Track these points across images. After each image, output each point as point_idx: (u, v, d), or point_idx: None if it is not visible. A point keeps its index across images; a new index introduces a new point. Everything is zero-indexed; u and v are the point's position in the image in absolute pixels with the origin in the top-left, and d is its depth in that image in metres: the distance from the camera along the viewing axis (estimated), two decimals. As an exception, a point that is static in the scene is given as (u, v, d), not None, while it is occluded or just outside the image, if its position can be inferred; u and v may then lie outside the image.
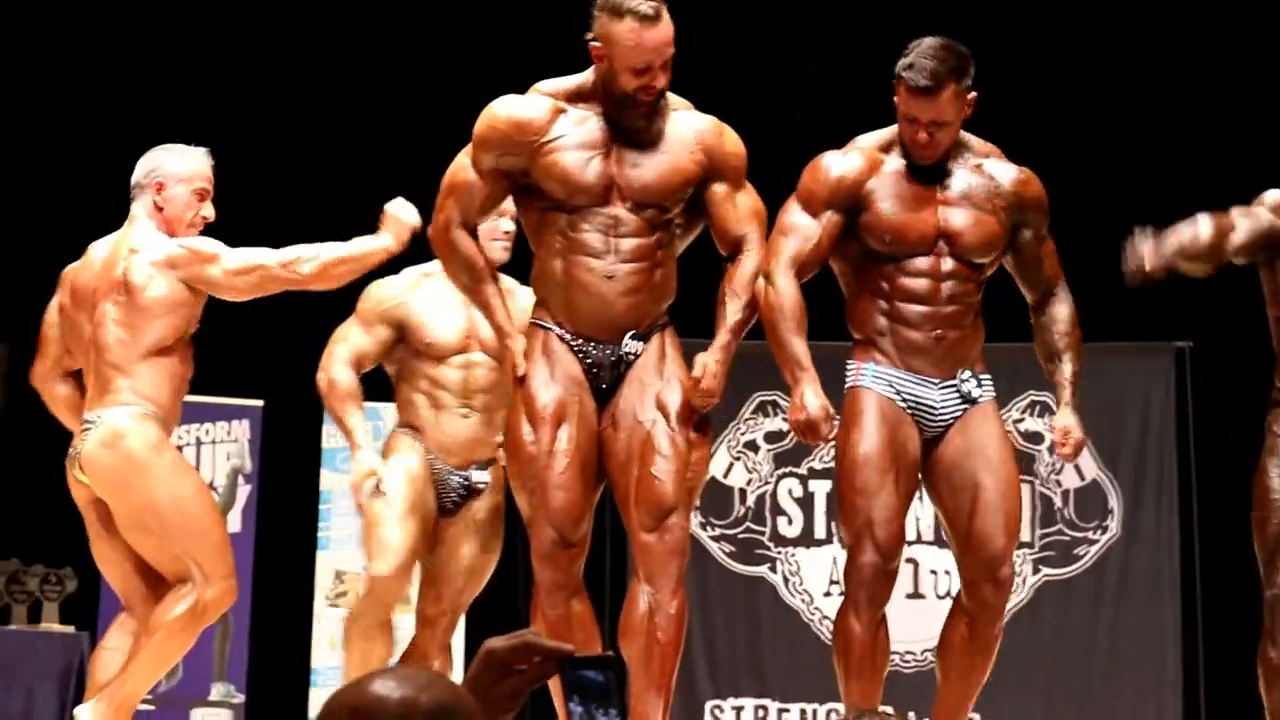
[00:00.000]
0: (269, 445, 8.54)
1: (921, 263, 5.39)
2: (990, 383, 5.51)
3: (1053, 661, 8.51)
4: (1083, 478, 8.67)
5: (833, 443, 5.54)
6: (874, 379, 5.42)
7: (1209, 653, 7.87)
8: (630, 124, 5.37)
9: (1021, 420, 8.64)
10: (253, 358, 8.20)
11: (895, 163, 5.42)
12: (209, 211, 5.78)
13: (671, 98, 5.47)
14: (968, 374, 5.46)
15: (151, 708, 6.14)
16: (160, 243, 5.71)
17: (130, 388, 5.62)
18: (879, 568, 5.32)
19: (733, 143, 5.48)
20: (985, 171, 5.48)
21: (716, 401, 5.37)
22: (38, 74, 8.75)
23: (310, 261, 5.73)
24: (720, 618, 8.60)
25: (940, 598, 8.34)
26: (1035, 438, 8.68)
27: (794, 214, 5.40)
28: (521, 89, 5.50)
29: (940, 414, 5.43)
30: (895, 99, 5.38)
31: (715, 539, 8.63)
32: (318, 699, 8.21)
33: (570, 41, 5.42)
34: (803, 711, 8.39)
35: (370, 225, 6.03)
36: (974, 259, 5.43)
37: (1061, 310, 5.57)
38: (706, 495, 8.49)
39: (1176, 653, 8.42)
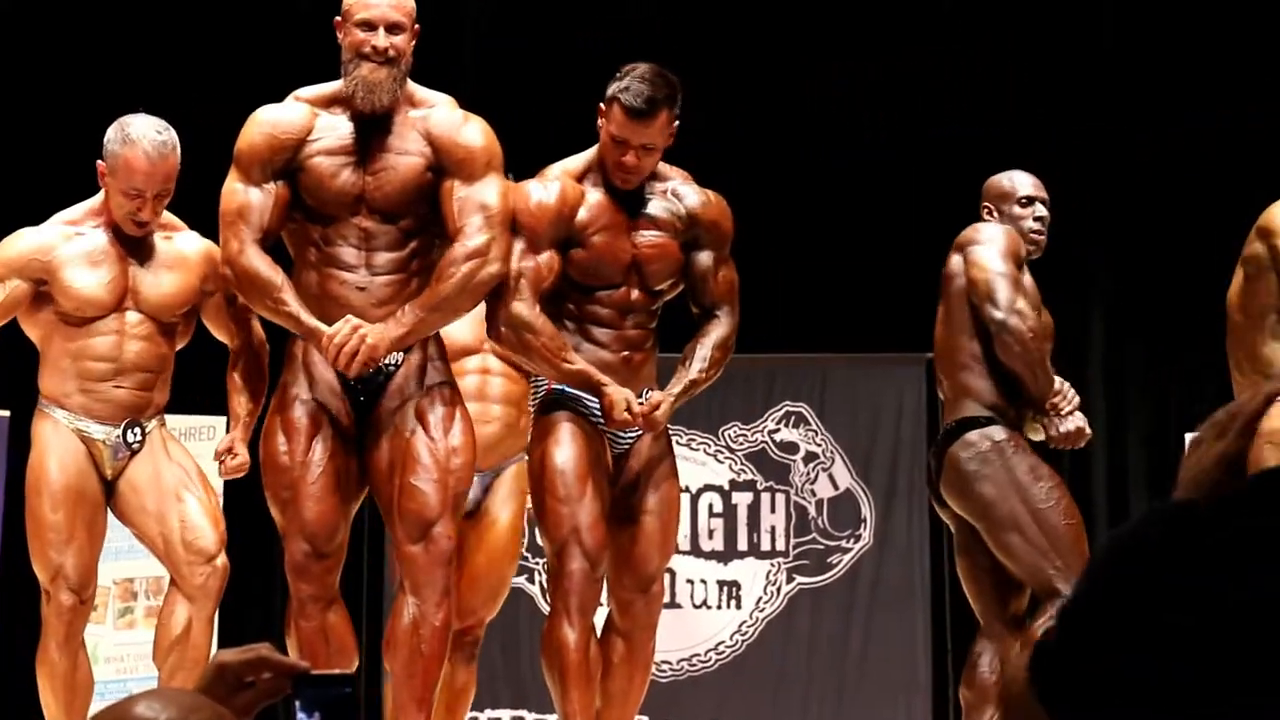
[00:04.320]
0: (17, 456, 8.35)
1: (613, 292, 5.45)
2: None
3: (807, 668, 8.62)
4: (836, 487, 8.78)
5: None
6: (563, 394, 5.46)
7: (957, 657, 7.98)
8: (378, 127, 5.34)
9: (777, 431, 8.73)
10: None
11: (595, 192, 5.46)
12: (142, 215, 5.78)
13: (435, 95, 5.44)
14: (647, 392, 5.52)
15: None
16: None
17: None
18: (588, 574, 5.36)
19: (468, 135, 5.36)
20: (671, 196, 5.55)
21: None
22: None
23: None
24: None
25: (696, 607, 8.41)
26: (790, 448, 8.77)
27: (521, 256, 5.35)
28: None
29: (627, 432, 5.49)
30: (601, 121, 5.42)
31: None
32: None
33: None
34: (558, 721, 8.42)
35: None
36: (656, 287, 5.52)
37: (715, 329, 5.58)
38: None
39: (926, 658, 8.57)
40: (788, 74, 9.09)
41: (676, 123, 5.44)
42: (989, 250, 5.93)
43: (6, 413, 7.85)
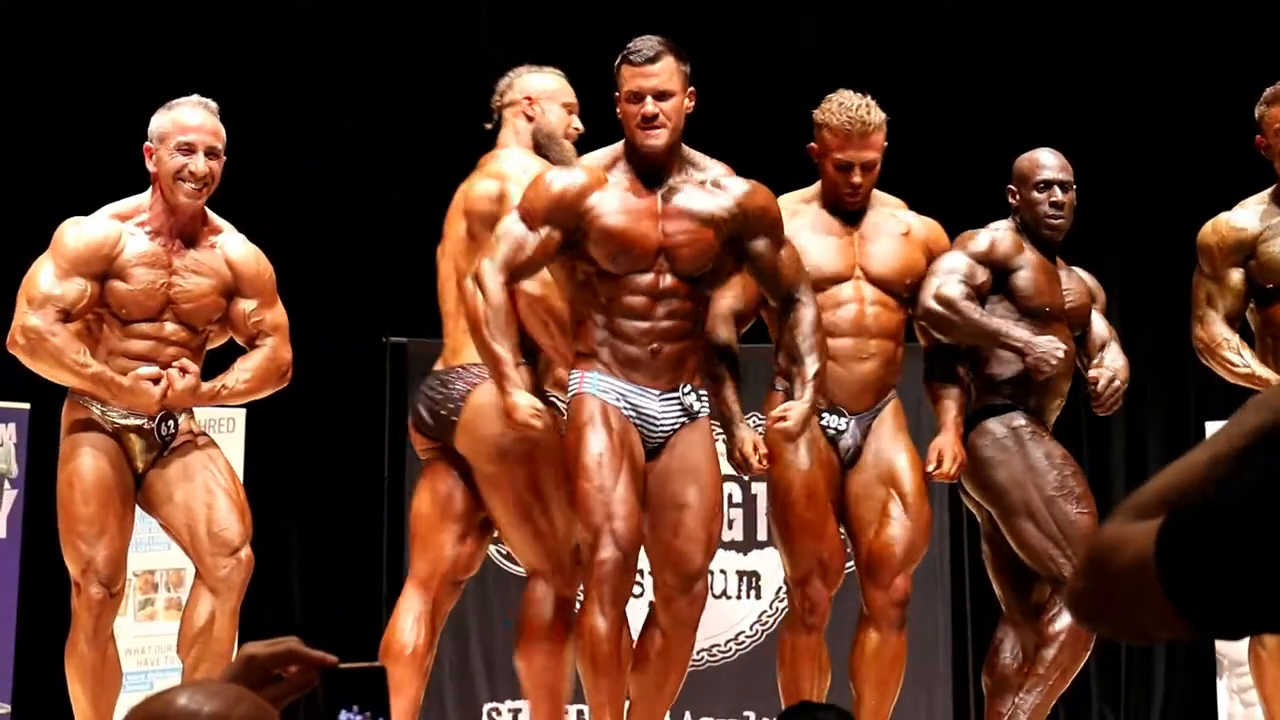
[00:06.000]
0: (37, 449, 8.31)
1: (641, 279, 5.47)
2: (706, 397, 5.63)
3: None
4: (852, 476, 8.77)
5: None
6: (597, 388, 5.48)
7: (978, 646, 8.02)
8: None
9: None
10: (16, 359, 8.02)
11: (619, 179, 5.51)
12: (196, 165, 5.72)
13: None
14: (688, 387, 5.55)
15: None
16: None
17: None
18: (620, 563, 5.37)
19: None
20: (710, 187, 5.57)
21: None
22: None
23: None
24: (497, 619, 8.55)
25: (716, 597, 8.41)
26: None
27: (511, 222, 5.41)
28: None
29: (661, 424, 5.50)
30: (617, 99, 5.52)
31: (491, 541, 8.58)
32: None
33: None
34: (580, 712, 8.36)
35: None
36: (690, 274, 5.53)
37: (804, 314, 5.61)
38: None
39: (947, 647, 8.57)
40: (788, 74, 9.13)
41: (692, 89, 5.51)
42: (951, 256, 6.12)
43: (26, 405, 7.81)
